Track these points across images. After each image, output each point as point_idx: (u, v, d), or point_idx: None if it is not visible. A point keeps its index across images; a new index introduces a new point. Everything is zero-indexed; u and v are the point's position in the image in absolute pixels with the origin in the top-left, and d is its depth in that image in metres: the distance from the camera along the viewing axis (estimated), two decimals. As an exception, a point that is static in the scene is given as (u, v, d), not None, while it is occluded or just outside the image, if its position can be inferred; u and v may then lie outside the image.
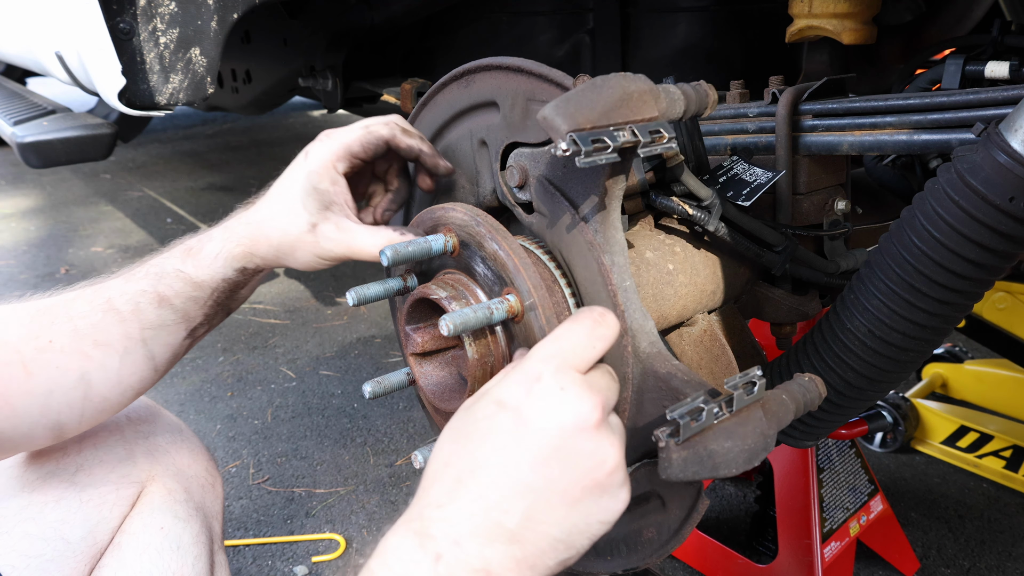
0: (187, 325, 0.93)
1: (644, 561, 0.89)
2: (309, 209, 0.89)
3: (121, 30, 1.66)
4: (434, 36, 2.61)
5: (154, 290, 0.91)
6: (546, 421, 0.63)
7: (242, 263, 0.93)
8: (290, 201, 0.90)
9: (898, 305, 0.87)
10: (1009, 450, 2.16)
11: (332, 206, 0.91)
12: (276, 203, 0.92)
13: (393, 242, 0.86)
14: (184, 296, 0.92)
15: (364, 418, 2.53)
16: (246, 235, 0.93)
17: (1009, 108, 0.84)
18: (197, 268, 0.93)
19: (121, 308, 0.89)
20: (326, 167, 0.90)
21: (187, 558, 0.99)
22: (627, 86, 0.77)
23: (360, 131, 0.93)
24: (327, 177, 0.90)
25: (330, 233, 0.90)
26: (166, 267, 0.93)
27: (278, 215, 0.91)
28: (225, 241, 0.93)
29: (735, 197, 0.99)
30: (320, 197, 0.90)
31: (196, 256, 0.93)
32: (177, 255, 0.94)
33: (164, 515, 1.00)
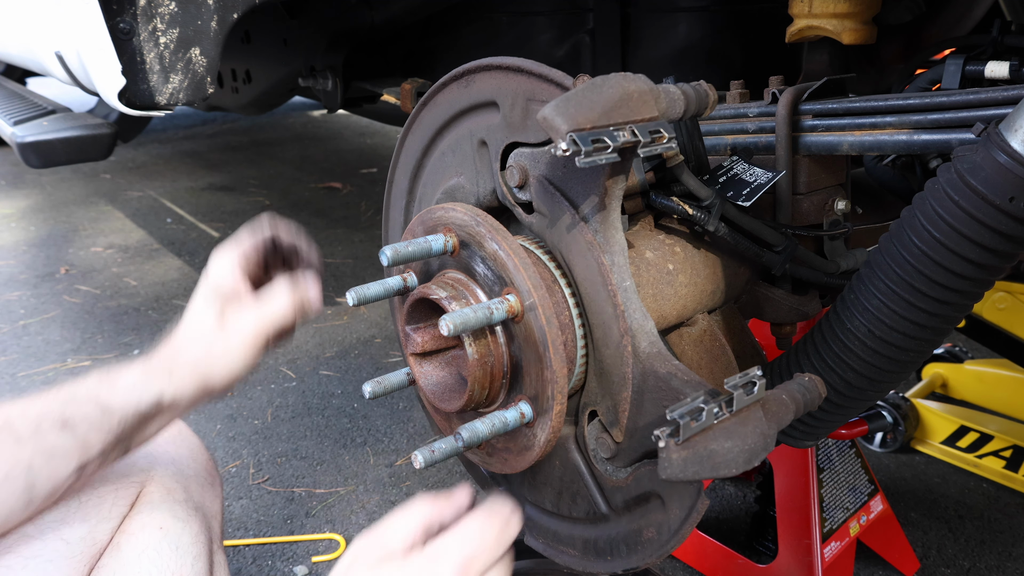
0: (81, 456, 0.88)
1: (644, 561, 0.89)
2: (213, 307, 0.92)
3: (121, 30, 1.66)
4: (434, 36, 2.61)
5: (60, 412, 0.87)
6: None
7: (159, 390, 0.91)
8: (197, 312, 0.94)
9: (898, 305, 0.87)
10: (1009, 450, 2.16)
11: (235, 297, 0.94)
12: (186, 321, 0.94)
13: (299, 289, 0.91)
14: (89, 421, 0.88)
15: (364, 418, 2.53)
16: (165, 359, 0.93)
17: (1009, 108, 0.84)
18: (111, 393, 0.90)
19: (19, 429, 0.84)
20: (225, 272, 0.96)
21: (186, 558, 0.99)
22: (627, 86, 0.77)
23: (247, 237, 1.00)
24: (226, 277, 0.95)
25: (235, 318, 0.92)
26: (79, 391, 0.90)
27: (190, 329, 0.93)
28: (144, 372, 0.92)
29: (735, 197, 0.99)
30: (221, 294, 0.94)
31: (113, 382, 0.91)
32: (93, 379, 0.91)
33: (163, 515, 1.00)
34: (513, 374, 0.86)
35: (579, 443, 0.93)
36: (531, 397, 0.84)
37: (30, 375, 2.85)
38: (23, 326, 3.25)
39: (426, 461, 0.85)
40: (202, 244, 4.14)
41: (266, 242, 0.99)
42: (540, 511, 1.02)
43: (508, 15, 2.33)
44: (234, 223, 4.44)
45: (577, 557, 0.98)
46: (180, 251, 4.06)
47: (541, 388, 0.82)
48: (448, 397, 0.92)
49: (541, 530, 1.03)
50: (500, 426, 0.84)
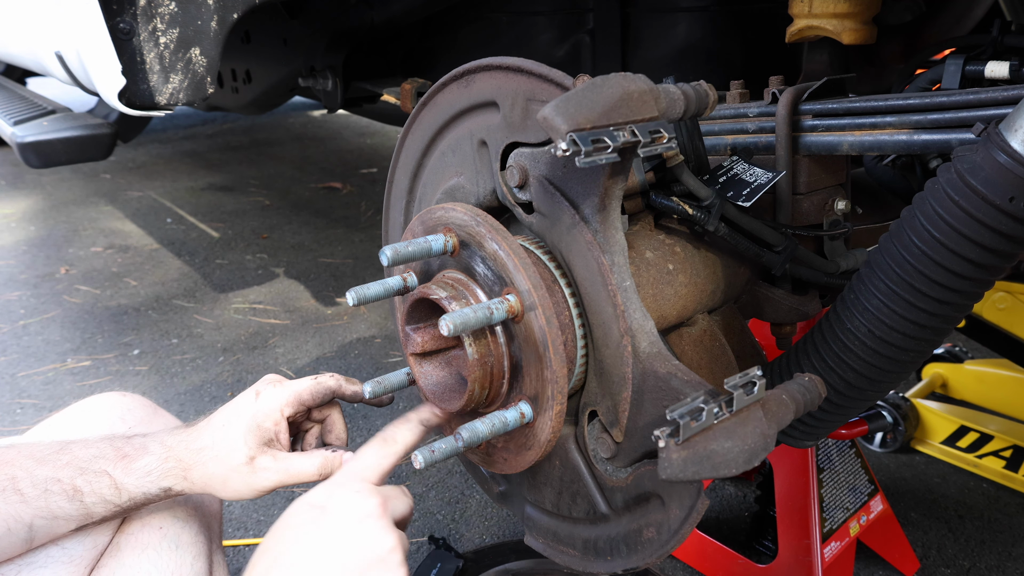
0: (82, 522, 0.92)
1: (644, 561, 0.89)
2: (249, 444, 0.95)
3: (121, 30, 1.66)
4: (434, 36, 2.61)
5: (71, 482, 0.90)
6: (341, 512, 0.82)
7: (171, 483, 0.94)
8: (232, 435, 0.95)
9: (898, 305, 0.87)
10: (1009, 450, 2.16)
11: (271, 443, 0.97)
12: (219, 434, 0.96)
13: (327, 459, 0.96)
14: (99, 496, 0.91)
15: (364, 418, 2.53)
16: (184, 459, 0.95)
17: (1009, 108, 0.84)
18: (127, 475, 0.92)
19: (25, 491, 0.88)
20: (273, 410, 0.97)
21: (186, 558, 0.99)
22: (627, 86, 0.77)
23: (310, 382, 1.01)
24: (272, 418, 0.96)
25: (267, 464, 0.95)
26: (93, 465, 0.92)
27: (219, 445, 0.95)
28: (163, 460, 0.94)
29: (735, 197, 0.99)
30: (262, 435, 0.96)
31: (130, 464, 0.93)
32: (109, 457, 0.93)
33: (162, 515, 1.00)
34: (513, 374, 0.86)
35: (579, 443, 0.93)
36: (531, 397, 0.84)
37: (30, 375, 2.85)
38: (23, 326, 3.25)
39: (426, 461, 0.85)
40: (202, 244, 4.14)
41: (325, 395, 1.01)
42: (540, 511, 1.02)
43: (508, 15, 2.33)
44: (234, 223, 4.44)
45: (577, 557, 0.98)
46: (180, 251, 4.06)
47: (541, 388, 0.82)
48: (448, 397, 0.92)
49: (541, 530, 1.03)
50: (500, 426, 0.84)
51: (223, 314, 3.32)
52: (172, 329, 3.20)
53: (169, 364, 2.91)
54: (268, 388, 0.98)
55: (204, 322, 3.25)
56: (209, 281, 3.67)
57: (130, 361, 2.94)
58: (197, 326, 3.22)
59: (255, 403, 0.97)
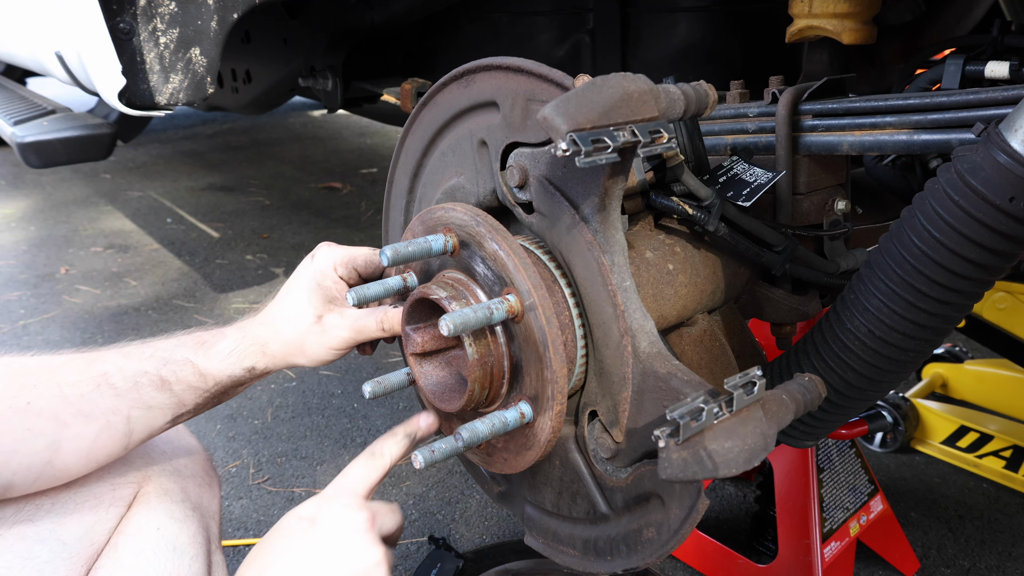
0: (176, 411, 0.95)
1: (644, 561, 0.89)
2: (314, 304, 0.98)
3: (121, 30, 1.66)
4: (434, 36, 2.61)
5: (157, 373, 0.93)
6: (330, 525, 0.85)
7: (252, 362, 0.98)
8: (298, 298, 0.99)
9: (898, 305, 0.87)
10: (1009, 450, 2.16)
11: (335, 300, 1.00)
12: (285, 302, 1.00)
13: (387, 315, 0.96)
14: (186, 384, 0.95)
15: (364, 418, 2.53)
16: (260, 333, 0.99)
17: (1009, 108, 0.84)
18: (208, 360, 0.96)
19: (117, 384, 0.91)
20: (328, 269, 1.01)
21: (184, 558, 0.98)
22: (627, 86, 0.77)
23: (367, 251, 1.04)
24: (329, 277, 1.00)
25: (335, 321, 0.98)
26: (175, 355, 0.95)
27: (288, 311, 0.99)
28: (240, 340, 0.98)
29: (735, 197, 0.99)
30: (324, 293, 0.99)
31: (209, 349, 0.97)
32: (189, 345, 0.97)
33: (160, 515, 1.00)
34: (513, 374, 0.86)
35: (579, 443, 0.93)
36: (531, 397, 0.84)
37: (30, 375, 2.85)
38: (23, 326, 3.25)
39: (426, 461, 0.85)
40: (202, 244, 4.14)
41: (377, 269, 1.04)
42: (540, 511, 1.02)
43: (508, 15, 2.33)
44: (234, 223, 4.44)
45: (577, 557, 0.98)
46: (180, 251, 4.06)
47: (541, 388, 0.82)
48: (448, 397, 0.92)
49: (541, 530, 1.03)
50: (500, 426, 0.84)
51: (223, 314, 3.32)
52: (172, 329, 3.19)
53: (169, 364, 2.91)
54: (322, 249, 1.03)
55: (204, 322, 3.25)
56: (209, 281, 3.67)
57: (130, 361, 2.94)
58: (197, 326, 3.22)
59: (311, 264, 1.01)
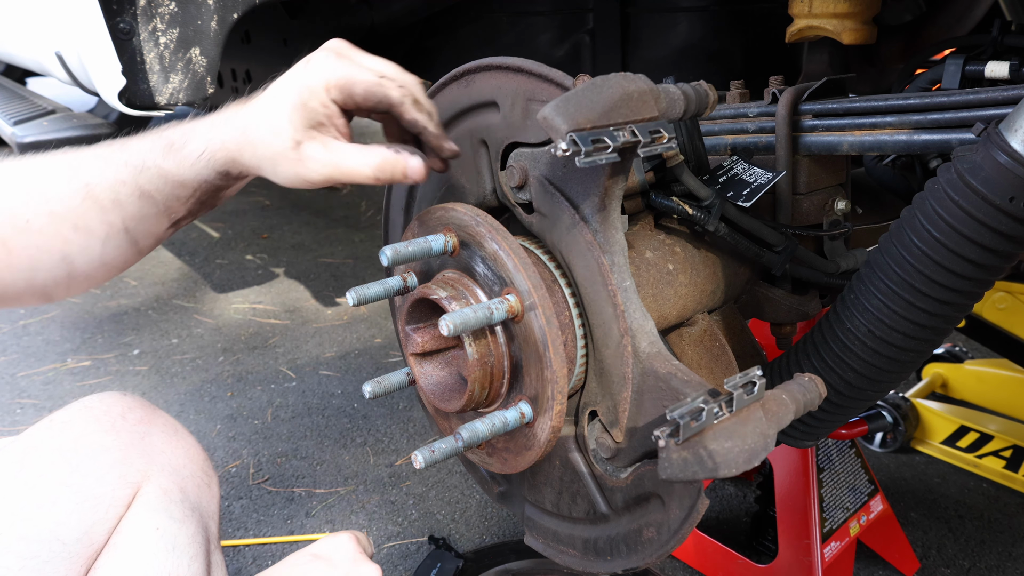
0: (169, 218, 0.90)
1: (644, 561, 0.89)
2: (295, 124, 0.82)
3: (121, 30, 1.66)
4: (434, 36, 2.61)
5: (135, 183, 0.85)
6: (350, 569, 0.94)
7: (225, 168, 0.86)
8: (276, 112, 0.83)
9: (898, 305, 0.87)
10: (1009, 450, 2.16)
11: (321, 127, 0.84)
12: (262, 111, 0.84)
13: (388, 159, 0.82)
14: (165, 193, 0.87)
15: (364, 418, 2.53)
16: (230, 139, 0.85)
17: (1009, 108, 0.84)
18: (179, 167, 0.86)
19: (101, 197, 0.85)
20: (320, 87, 0.83)
21: (183, 558, 0.98)
22: (627, 86, 0.77)
23: (371, 77, 0.84)
24: (318, 98, 0.83)
25: (315, 153, 0.83)
26: (147, 161, 0.86)
27: (262, 125, 0.83)
28: (208, 141, 0.85)
29: (735, 197, 0.99)
30: (308, 115, 0.83)
31: (178, 153, 0.86)
32: (158, 150, 0.86)
33: (159, 515, 1.00)
34: (513, 374, 0.86)
35: (579, 443, 0.93)
36: (531, 397, 0.84)
37: (30, 375, 2.85)
38: (23, 326, 3.25)
39: (426, 461, 0.85)
40: (202, 244, 4.14)
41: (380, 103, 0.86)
42: (540, 511, 1.02)
43: (508, 15, 2.33)
44: (234, 223, 4.44)
45: (577, 557, 0.98)
46: (180, 251, 4.06)
47: (541, 388, 0.82)
48: (448, 397, 0.92)
49: (541, 530, 1.03)
50: (500, 426, 0.84)
51: (223, 314, 3.32)
52: (172, 329, 3.20)
53: (169, 364, 2.91)
54: (319, 58, 0.85)
55: (204, 322, 3.25)
56: (209, 281, 3.67)
57: (130, 361, 2.94)
58: (197, 326, 3.22)
59: (302, 75, 0.84)
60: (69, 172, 0.87)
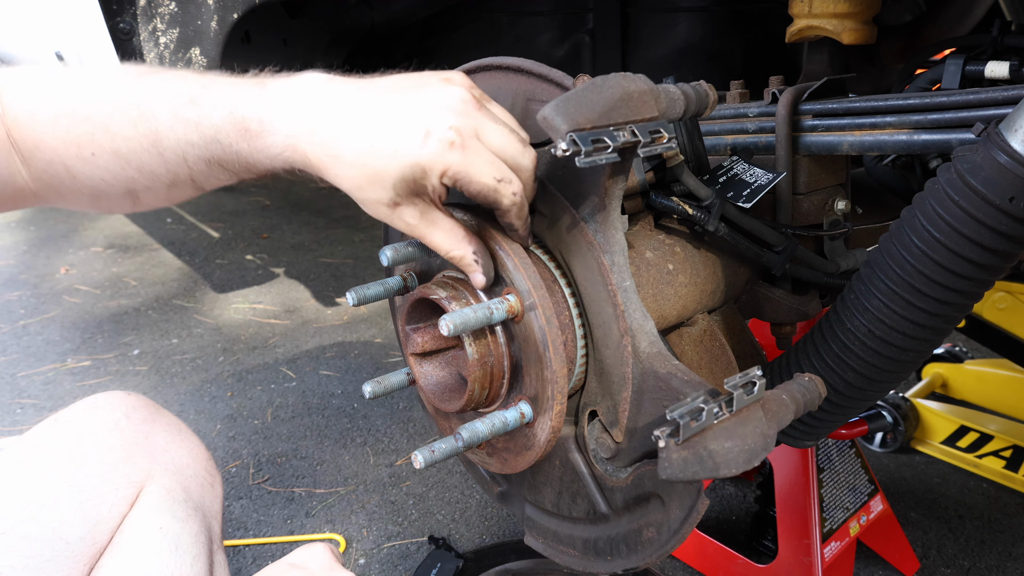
0: (235, 179, 0.90)
1: (644, 561, 0.89)
2: (397, 190, 0.77)
3: (121, 30, 1.66)
4: (434, 36, 2.61)
5: (205, 150, 0.83)
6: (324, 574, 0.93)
7: (299, 168, 0.82)
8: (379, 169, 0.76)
9: (898, 305, 0.87)
10: (1009, 450, 2.16)
11: (423, 194, 0.79)
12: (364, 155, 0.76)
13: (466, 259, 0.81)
14: (236, 166, 0.84)
15: (364, 418, 2.53)
16: (314, 155, 0.79)
17: (1009, 108, 0.84)
18: (252, 154, 0.82)
19: (168, 152, 0.84)
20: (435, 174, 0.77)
21: (186, 558, 0.98)
22: (627, 86, 0.77)
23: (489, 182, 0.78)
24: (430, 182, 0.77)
25: (408, 216, 0.79)
26: (220, 136, 0.82)
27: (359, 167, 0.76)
28: (290, 145, 0.80)
29: (735, 198, 0.99)
30: (414, 188, 0.78)
31: (254, 141, 0.81)
32: (234, 132, 0.82)
33: (163, 515, 1.00)
34: (513, 374, 0.86)
35: (579, 443, 0.93)
36: (531, 397, 0.84)
37: (30, 375, 2.85)
38: (23, 326, 3.25)
39: (426, 461, 0.85)
40: (202, 244, 4.14)
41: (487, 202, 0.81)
42: (540, 511, 1.02)
43: (508, 15, 2.33)
44: (234, 223, 4.44)
45: (577, 557, 0.98)
46: (180, 251, 4.06)
47: (541, 388, 0.82)
48: (448, 397, 0.92)
49: (541, 530, 1.03)
50: (500, 426, 0.84)
51: (223, 314, 3.32)
52: (172, 329, 3.20)
53: (169, 364, 2.91)
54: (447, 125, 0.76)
55: (204, 322, 3.26)
56: (209, 281, 3.67)
57: (130, 361, 2.94)
58: (197, 326, 3.22)
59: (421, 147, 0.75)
60: (136, 114, 0.84)
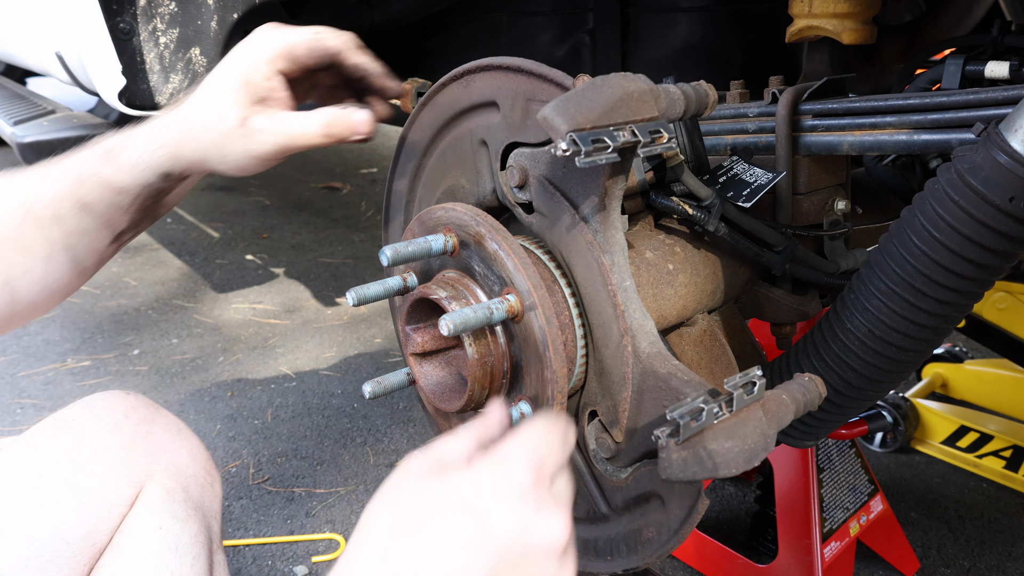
0: (111, 231, 0.88)
1: (644, 561, 0.89)
2: (240, 103, 0.84)
3: (121, 30, 1.66)
4: (434, 36, 2.61)
5: (74, 195, 0.85)
6: (513, 539, 0.58)
7: (166, 168, 0.86)
8: (219, 95, 0.84)
9: (898, 305, 0.87)
10: (1009, 450, 2.16)
11: (266, 101, 0.85)
12: (204, 98, 0.85)
13: (335, 117, 0.84)
14: (106, 203, 0.86)
15: (364, 418, 2.53)
16: (171, 136, 0.86)
17: (1009, 108, 0.84)
18: (118, 173, 0.86)
19: (40, 214, 0.84)
20: (263, 62, 0.85)
21: (185, 558, 0.98)
22: (627, 86, 0.77)
23: (309, 35, 0.89)
24: (262, 72, 0.85)
25: (263, 125, 0.84)
26: (85, 170, 0.86)
27: (206, 110, 0.84)
28: (147, 143, 0.86)
29: (735, 198, 0.99)
30: (253, 91, 0.85)
31: (116, 159, 0.86)
32: (97, 157, 0.86)
33: (162, 515, 1.00)
34: (513, 374, 0.86)
35: (579, 443, 0.93)
36: (531, 397, 0.84)
37: (30, 375, 2.85)
38: (23, 326, 3.25)
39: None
40: (202, 244, 4.14)
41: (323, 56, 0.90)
42: (540, 511, 1.02)
43: (508, 15, 2.33)
44: (234, 223, 4.44)
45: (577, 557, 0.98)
46: (180, 251, 4.05)
47: (541, 388, 0.82)
48: (448, 397, 0.92)
49: (541, 530, 1.03)
50: (500, 426, 0.84)
51: (223, 314, 3.32)
52: (172, 329, 3.20)
53: (169, 364, 2.91)
54: (255, 37, 0.88)
55: (204, 322, 3.25)
56: (209, 281, 3.67)
57: (130, 361, 2.94)
58: (197, 326, 3.22)
59: (241, 54, 0.86)
60: (8, 192, 0.86)
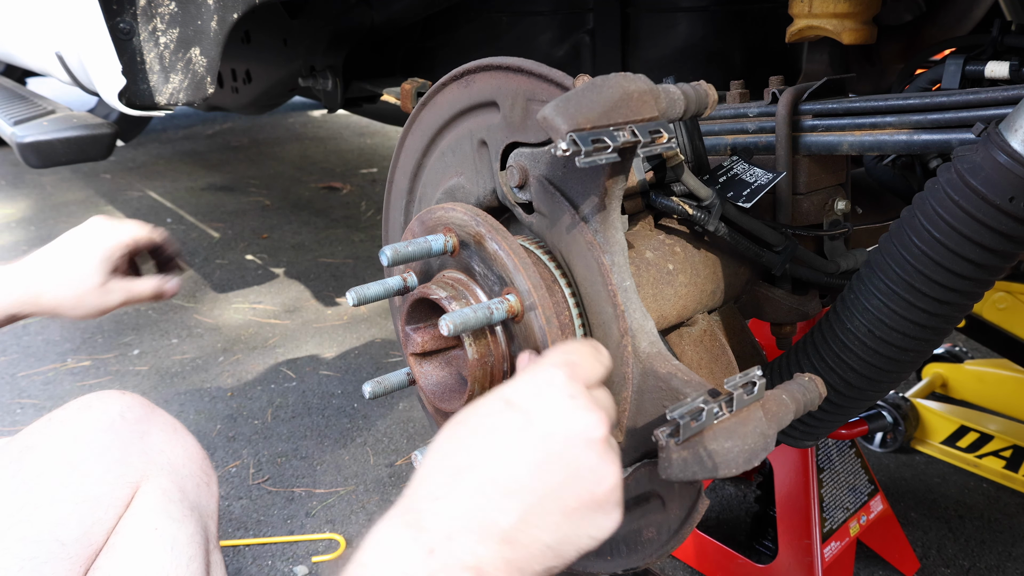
0: None
1: (644, 561, 0.89)
2: (103, 272, 1.24)
3: (121, 30, 1.66)
4: (434, 36, 2.61)
5: None
6: (554, 426, 0.63)
7: (15, 312, 1.17)
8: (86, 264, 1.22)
9: (898, 305, 0.87)
10: (1009, 450, 2.16)
11: (117, 270, 1.27)
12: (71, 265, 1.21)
13: (160, 282, 1.30)
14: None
15: (364, 418, 2.53)
16: (34, 286, 1.18)
17: (1009, 108, 0.84)
18: None
19: None
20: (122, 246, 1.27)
21: (182, 558, 0.98)
22: (627, 86, 0.77)
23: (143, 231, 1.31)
24: (120, 253, 1.27)
25: (114, 287, 1.25)
26: None
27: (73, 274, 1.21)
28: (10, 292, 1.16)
29: (735, 198, 0.99)
30: (112, 265, 1.26)
31: None
32: None
33: (158, 515, 1.00)
34: (513, 374, 0.86)
35: (579, 443, 0.93)
36: (531, 397, 0.84)
37: (30, 375, 2.85)
38: (23, 326, 3.25)
39: (426, 460, 0.85)
40: (202, 244, 4.14)
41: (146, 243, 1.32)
42: (540, 511, 1.02)
43: (508, 15, 2.33)
44: (234, 223, 4.44)
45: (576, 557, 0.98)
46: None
47: (541, 388, 0.82)
48: (448, 397, 0.92)
49: (541, 530, 1.03)
50: (500, 426, 0.84)
51: (223, 314, 3.32)
52: (172, 329, 3.20)
53: (169, 364, 2.91)
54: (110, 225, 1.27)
55: (204, 322, 3.25)
56: (209, 281, 3.67)
57: (130, 361, 2.94)
58: (197, 326, 3.22)
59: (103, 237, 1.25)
60: None
